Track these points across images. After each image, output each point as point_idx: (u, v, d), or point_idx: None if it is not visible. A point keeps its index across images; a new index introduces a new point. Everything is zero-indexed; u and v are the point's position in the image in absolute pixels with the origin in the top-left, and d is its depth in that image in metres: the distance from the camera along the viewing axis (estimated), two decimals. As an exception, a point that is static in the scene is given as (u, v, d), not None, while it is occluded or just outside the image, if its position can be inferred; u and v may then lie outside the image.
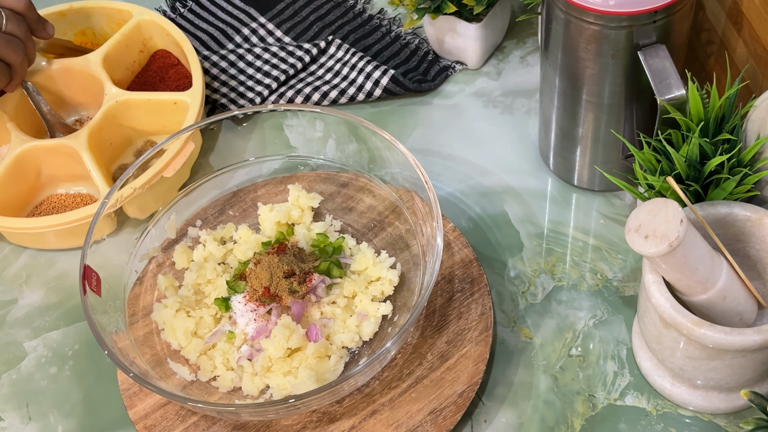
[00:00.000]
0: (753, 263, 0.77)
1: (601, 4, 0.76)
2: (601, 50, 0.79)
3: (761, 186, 0.76)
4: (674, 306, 0.70)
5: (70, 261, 0.94)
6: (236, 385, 0.81)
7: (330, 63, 1.07)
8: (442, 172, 0.97)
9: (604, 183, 0.92)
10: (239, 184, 0.94)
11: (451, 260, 0.86)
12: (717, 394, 0.77)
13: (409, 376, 0.80)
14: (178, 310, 0.84)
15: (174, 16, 1.15)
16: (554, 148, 0.92)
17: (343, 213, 0.91)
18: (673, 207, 0.66)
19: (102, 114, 0.96)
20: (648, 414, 0.79)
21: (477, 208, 0.94)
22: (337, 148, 0.92)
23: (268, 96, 1.05)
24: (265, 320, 0.82)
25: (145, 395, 0.81)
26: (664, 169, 0.78)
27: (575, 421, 0.79)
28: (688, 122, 0.77)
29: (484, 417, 0.80)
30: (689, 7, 0.78)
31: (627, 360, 0.82)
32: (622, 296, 0.86)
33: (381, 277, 0.85)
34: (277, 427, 0.79)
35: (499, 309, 0.86)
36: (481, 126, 1.01)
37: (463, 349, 0.81)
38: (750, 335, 0.68)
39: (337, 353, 0.81)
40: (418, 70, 1.05)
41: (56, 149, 0.94)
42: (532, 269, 0.89)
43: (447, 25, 1.02)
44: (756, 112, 0.78)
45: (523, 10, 1.09)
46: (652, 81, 0.77)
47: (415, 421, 0.77)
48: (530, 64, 1.05)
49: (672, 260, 0.67)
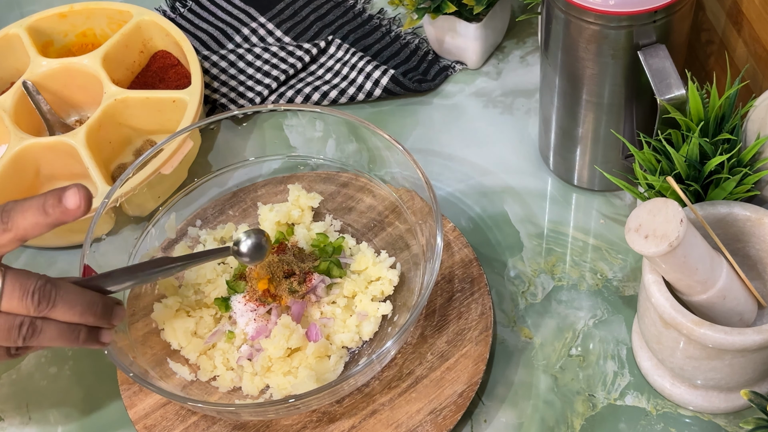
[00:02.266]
0: (753, 263, 0.77)
1: (601, 4, 0.76)
2: (601, 50, 0.79)
3: (761, 186, 0.76)
4: (674, 306, 0.70)
5: (70, 260, 0.94)
6: (236, 385, 0.81)
7: (330, 63, 1.07)
8: (442, 172, 0.97)
9: (604, 183, 0.92)
10: (239, 183, 0.94)
11: (451, 260, 0.86)
12: (717, 394, 0.77)
13: (409, 376, 0.80)
14: (178, 310, 0.84)
15: (174, 16, 1.15)
16: (554, 147, 0.92)
17: (343, 213, 0.91)
18: (673, 207, 0.66)
19: (101, 112, 0.96)
20: (648, 414, 0.79)
21: (477, 208, 0.94)
22: (337, 148, 0.92)
23: (268, 96, 1.05)
24: (265, 320, 0.82)
25: (145, 395, 0.80)
26: (664, 169, 0.78)
27: (575, 420, 0.79)
28: (688, 122, 0.77)
29: (484, 417, 0.80)
30: (689, 7, 0.78)
31: (627, 360, 0.82)
32: (622, 296, 0.86)
33: (381, 276, 0.85)
34: (277, 427, 0.79)
35: (499, 309, 0.86)
36: (481, 126, 1.01)
37: (463, 349, 0.81)
38: (750, 335, 0.68)
39: (337, 353, 0.81)
40: (418, 70, 1.05)
41: (55, 147, 0.94)
42: (532, 269, 0.89)
43: (447, 24, 1.02)
44: (756, 111, 0.78)
45: (523, 10, 1.09)
46: (652, 81, 0.77)
47: (415, 421, 0.77)
48: (530, 64, 1.05)
49: (672, 260, 0.67)
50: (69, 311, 0.68)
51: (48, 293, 0.67)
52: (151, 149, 0.86)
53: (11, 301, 0.66)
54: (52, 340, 0.69)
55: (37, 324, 0.67)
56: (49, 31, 1.05)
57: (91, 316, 0.70)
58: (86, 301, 0.69)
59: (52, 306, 0.67)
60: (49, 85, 1.01)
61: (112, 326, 0.73)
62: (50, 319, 0.68)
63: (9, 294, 0.65)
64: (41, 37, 1.04)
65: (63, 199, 0.67)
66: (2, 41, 1.02)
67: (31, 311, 0.66)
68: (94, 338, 0.72)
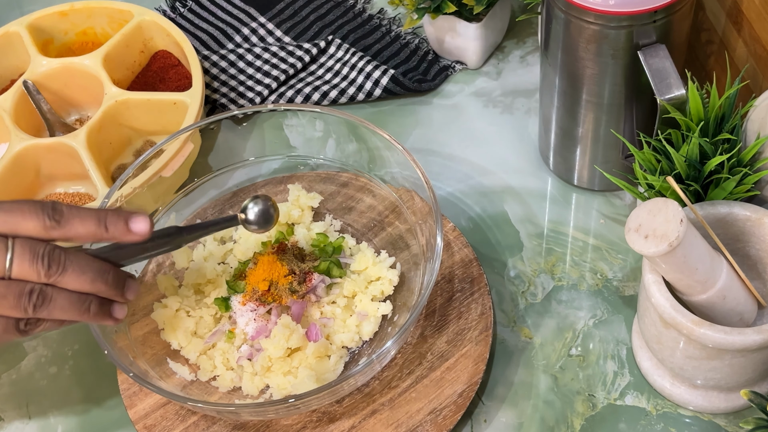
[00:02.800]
0: (753, 263, 0.77)
1: (601, 3, 0.76)
2: (601, 50, 0.79)
3: (761, 186, 0.76)
4: (674, 306, 0.70)
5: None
6: (236, 385, 0.81)
7: (330, 63, 1.07)
8: (442, 171, 0.97)
9: (604, 183, 0.92)
10: (239, 183, 0.94)
11: (451, 260, 0.86)
12: (717, 394, 0.77)
13: (409, 375, 0.80)
14: (178, 310, 0.84)
15: (174, 16, 1.15)
16: (554, 147, 0.92)
17: (343, 213, 0.91)
18: (673, 207, 0.66)
19: (101, 113, 0.96)
20: (648, 414, 0.79)
21: (477, 208, 0.94)
22: (337, 147, 0.92)
23: (268, 96, 1.05)
24: (265, 320, 0.82)
25: (145, 395, 0.80)
26: (664, 169, 0.78)
27: (575, 420, 0.79)
28: (688, 122, 0.77)
29: (484, 417, 0.80)
30: (689, 7, 0.78)
31: (627, 360, 0.82)
32: (622, 296, 0.86)
33: (381, 276, 0.85)
34: (277, 426, 0.79)
35: (499, 309, 0.86)
36: (481, 126, 1.01)
37: (463, 349, 0.81)
38: (750, 335, 0.68)
39: (337, 353, 0.81)
40: (418, 69, 1.05)
41: (55, 148, 0.94)
42: (532, 269, 0.89)
43: (447, 24, 1.02)
44: (756, 111, 0.78)
45: (523, 9, 1.09)
46: (652, 81, 0.77)
47: (415, 421, 0.77)
48: (530, 63, 1.05)
49: (672, 260, 0.67)
50: (80, 277, 0.68)
51: (58, 257, 0.67)
52: (150, 149, 0.86)
53: (22, 265, 0.65)
54: (63, 311, 0.68)
55: (47, 291, 0.67)
56: (49, 29, 1.05)
57: (102, 284, 0.69)
58: (97, 267, 0.69)
59: (63, 270, 0.67)
60: (50, 84, 1.01)
61: (125, 300, 0.72)
62: (60, 288, 0.68)
63: (19, 258, 0.65)
64: (41, 36, 1.04)
65: (130, 222, 0.69)
66: (2, 39, 1.03)
67: (42, 276, 0.66)
68: (106, 312, 0.71)
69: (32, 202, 0.67)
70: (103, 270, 0.69)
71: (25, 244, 0.66)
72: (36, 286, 0.67)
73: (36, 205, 0.67)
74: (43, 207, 0.67)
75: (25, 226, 0.66)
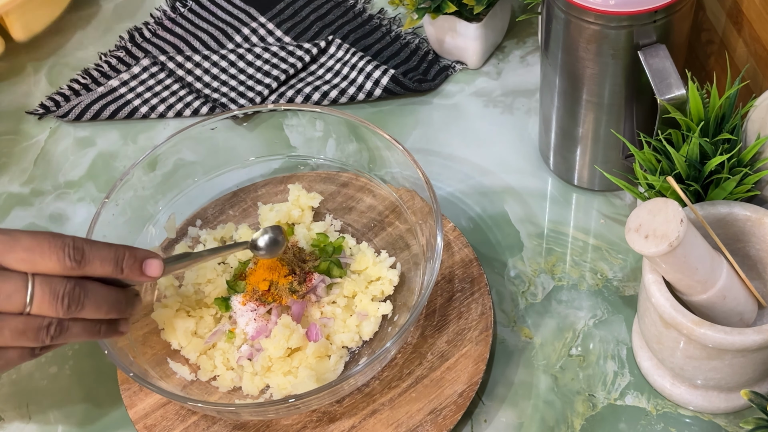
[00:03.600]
0: (753, 263, 0.77)
1: (601, 3, 0.76)
2: (601, 50, 0.79)
3: (761, 186, 0.76)
4: (674, 306, 0.70)
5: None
6: (236, 385, 0.81)
7: (330, 63, 1.07)
8: (442, 172, 0.97)
9: (604, 183, 0.92)
10: (239, 183, 0.94)
11: (451, 260, 0.86)
12: (717, 394, 0.77)
13: (409, 375, 0.80)
14: (178, 310, 0.84)
15: (174, 16, 1.15)
16: (554, 147, 0.92)
17: (343, 213, 0.91)
18: (673, 207, 0.66)
19: None
20: (648, 414, 0.79)
21: (477, 208, 0.94)
22: (337, 147, 0.92)
23: (268, 96, 1.05)
24: (265, 320, 0.82)
25: (145, 395, 0.80)
26: (664, 169, 0.78)
27: (575, 420, 0.79)
28: (688, 122, 0.77)
29: (484, 417, 0.80)
30: (689, 7, 0.78)
31: (627, 360, 0.82)
32: (622, 296, 0.86)
33: (381, 276, 0.85)
34: (277, 426, 0.79)
35: (499, 309, 0.86)
36: (481, 126, 1.01)
37: (463, 349, 0.81)
38: (750, 335, 0.68)
39: (337, 353, 0.81)
40: (418, 69, 1.05)
41: None
42: (532, 269, 0.89)
43: (447, 24, 1.02)
44: (756, 111, 0.78)
45: (523, 9, 1.09)
46: (652, 81, 0.77)
47: (415, 421, 0.77)
48: (530, 63, 1.05)
49: (672, 260, 0.67)
50: (96, 311, 0.70)
51: (77, 297, 0.69)
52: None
53: (42, 303, 0.67)
54: (77, 337, 0.71)
55: (65, 324, 0.70)
56: None
57: (116, 313, 0.72)
58: (112, 299, 0.71)
59: (81, 308, 0.69)
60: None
61: (131, 316, 0.75)
62: (77, 319, 0.70)
63: (40, 296, 0.67)
64: None
65: (144, 267, 0.72)
66: None
67: (61, 314, 0.68)
68: (114, 329, 0.74)
69: (52, 238, 0.68)
70: (117, 301, 0.72)
71: (45, 284, 0.67)
72: (54, 320, 0.69)
73: (56, 243, 0.68)
74: (63, 245, 0.68)
75: (44, 265, 0.67)
